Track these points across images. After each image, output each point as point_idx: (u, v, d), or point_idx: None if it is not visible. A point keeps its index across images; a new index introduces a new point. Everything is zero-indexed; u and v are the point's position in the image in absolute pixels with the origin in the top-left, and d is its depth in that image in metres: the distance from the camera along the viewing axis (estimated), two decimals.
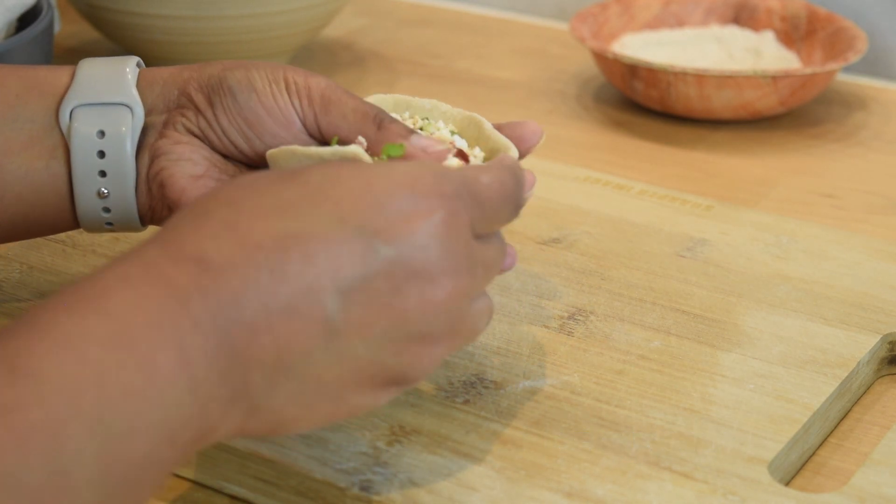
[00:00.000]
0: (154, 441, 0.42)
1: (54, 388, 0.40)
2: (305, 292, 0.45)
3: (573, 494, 0.52)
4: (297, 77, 0.58)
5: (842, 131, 0.93)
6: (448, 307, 0.48)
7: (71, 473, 0.39)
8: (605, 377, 0.59)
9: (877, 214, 0.81)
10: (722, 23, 1.01)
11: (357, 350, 0.46)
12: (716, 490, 0.52)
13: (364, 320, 0.46)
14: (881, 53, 1.04)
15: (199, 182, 0.58)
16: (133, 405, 0.41)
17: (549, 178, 0.78)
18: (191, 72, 0.59)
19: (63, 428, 0.39)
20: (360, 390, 0.47)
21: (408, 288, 0.47)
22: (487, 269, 0.50)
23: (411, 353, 0.48)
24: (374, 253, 0.46)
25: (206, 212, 0.47)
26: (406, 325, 0.47)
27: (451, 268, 0.48)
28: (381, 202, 0.47)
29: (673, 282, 0.67)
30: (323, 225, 0.46)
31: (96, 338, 0.41)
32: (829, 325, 0.63)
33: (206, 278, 0.44)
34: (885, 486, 0.53)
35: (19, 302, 0.65)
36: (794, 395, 0.58)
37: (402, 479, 0.52)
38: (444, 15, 1.17)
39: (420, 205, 0.47)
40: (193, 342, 0.43)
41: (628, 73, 0.91)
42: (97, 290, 0.43)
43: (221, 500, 0.55)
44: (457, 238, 0.48)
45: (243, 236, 0.45)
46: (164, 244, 0.45)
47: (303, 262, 0.45)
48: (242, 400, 0.45)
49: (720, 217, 0.74)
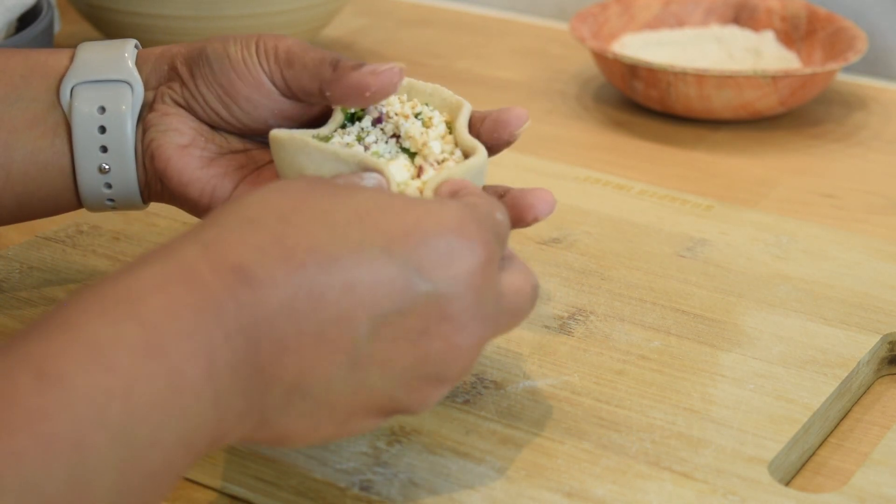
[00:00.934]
0: (172, 451, 0.42)
1: (81, 396, 0.40)
2: (339, 320, 0.45)
3: (573, 494, 0.52)
4: (267, 40, 0.59)
5: (842, 131, 0.93)
6: (469, 355, 0.48)
7: (91, 484, 0.39)
8: (605, 377, 0.59)
9: (877, 214, 0.81)
10: (722, 23, 1.01)
11: (374, 382, 0.47)
12: (716, 490, 0.52)
13: (388, 355, 0.46)
14: (881, 53, 1.04)
15: (185, 151, 0.59)
16: (158, 417, 0.41)
17: (549, 178, 0.78)
18: (179, 48, 0.60)
19: (87, 438, 0.39)
20: (366, 418, 0.48)
21: (437, 330, 0.47)
22: (513, 316, 0.50)
23: (423, 392, 0.48)
24: (414, 289, 0.46)
25: (252, 219, 0.46)
26: (426, 367, 0.47)
27: (481, 317, 0.48)
28: (428, 240, 0.47)
29: (673, 282, 0.67)
30: (369, 252, 0.46)
31: (128, 346, 0.41)
32: (829, 325, 0.63)
33: (246, 292, 0.44)
34: (885, 486, 0.53)
35: (19, 302, 0.65)
36: (794, 395, 0.58)
37: (402, 479, 0.52)
38: (444, 15, 1.17)
39: (465, 249, 0.47)
40: (223, 355, 0.43)
41: (628, 73, 0.91)
42: (131, 294, 0.43)
43: (221, 500, 0.55)
44: (490, 287, 0.48)
45: (289, 254, 0.45)
46: (206, 246, 0.45)
47: (342, 291, 0.45)
48: (256, 413, 0.45)
49: (720, 217, 0.74)
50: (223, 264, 0.44)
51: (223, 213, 0.47)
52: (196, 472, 0.56)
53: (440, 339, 0.47)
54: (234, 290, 0.44)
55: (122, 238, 0.71)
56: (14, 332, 0.63)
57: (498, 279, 0.49)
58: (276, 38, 0.59)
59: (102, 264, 0.69)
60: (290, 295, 0.44)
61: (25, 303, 0.65)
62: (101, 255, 0.70)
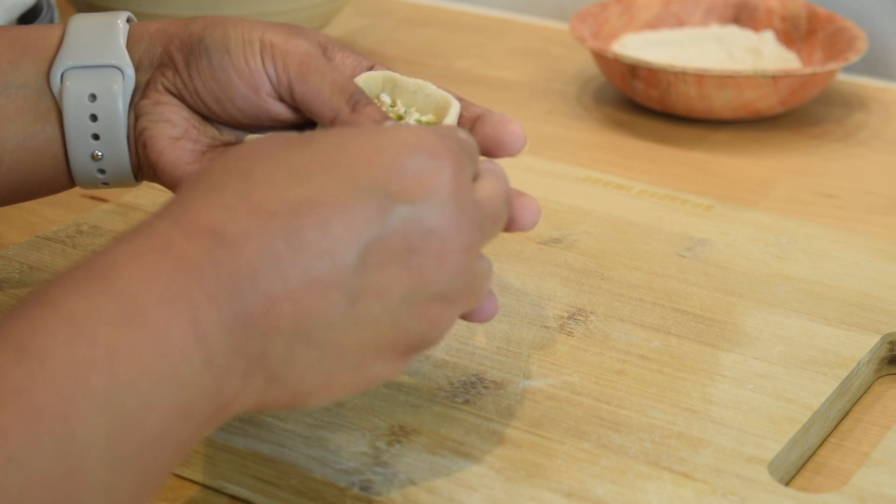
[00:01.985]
0: (168, 417, 0.41)
1: (62, 368, 0.39)
2: (323, 258, 0.45)
3: (573, 494, 0.52)
4: (275, 38, 0.57)
5: (842, 131, 0.93)
6: (462, 264, 0.48)
7: (82, 455, 0.39)
8: (605, 377, 0.59)
9: (877, 214, 0.81)
10: (722, 23, 1.01)
11: (377, 314, 0.46)
12: (716, 490, 0.52)
13: (383, 282, 0.46)
14: (881, 53, 1.04)
15: (178, 144, 0.59)
16: (146, 383, 0.41)
17: (549, 178, 0.78)
18: (176, 27, 0.59)
19: (72, 409, 0.39)
20: (381, 358, 0.47)
21: (423, 246, 0.47)
22: (494, 221, 0.50)
23: (430, 316, 0.48)
24: (389, 213, 0.46)
25: (216, 184, 0.46)
26: (424, 286, 0.47)
27: (463, 223, 0.48)
28: (391, 163, 0.47)
29: (673, 282, 0.67)
30: (336, 189, 0.46)
31: (106, 316, 0.41)
32: (829, 325, 0.63)
33: (220, 250, 0.44)
34: (885, 486, 0.53)
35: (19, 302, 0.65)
36: (794, 395, 0.58)
37: (402, 479, 0.52)
38: (444, 15, 1.17)
39: (430, 163, 0.47)
40: (208, 315, 0.43)
41: (628, 73, 0.91)
42: (106, 268, 0.42)
43: (221, 500, 0.55)
44: (465, 194, 0.48)
45: (257, 206, 0.45)
46: (176, 217, 0.45)
47: (319, 229, 0.45)
48: (261, 370, 0.44)
49: (720, 217, 0.74)
50: (193, 230, 0.44)
51: (188, 185, 0.47)
52: (196, 472, 0.56)
53: (429, 254, 0.47)
54: (208, 250, 0.44)
55: None
56: None
57: (473, 193, 0.49)
58: (287, 38, 0.57)
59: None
60: (267, 245, 0.44)
61: None
62: None
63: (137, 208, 0.74)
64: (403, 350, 0.48)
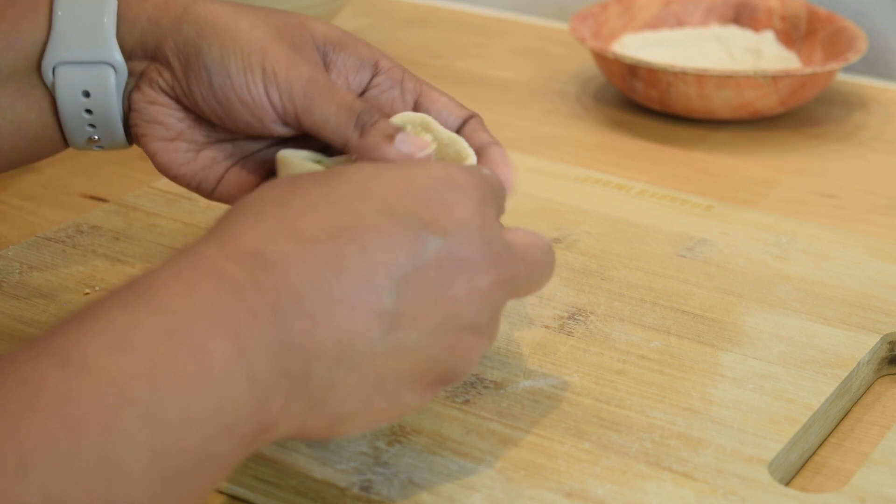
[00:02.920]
0: (210, 432, 0.42)
1: (104, 378, 0.40)
2: (363, 283, 0.46)
3: (573, 494, 0.52)
4: (277, 66, 0.56)
5: (842, 131, 0.93)
6: (492, 297, 0.49)
7: (123, 462, 0.39)
8: (605, 377, 0.59)
9: (877, 214, 0.81)
10: (722, 23, 1.01)
11: (413, 343, 0.47)
12: (716, 490, 0.52)
13: (419, 311, 0.47)
14: (881, 53, 1.04)
15: (172, 145, 0.59)
16: (186, 395, 0.41)
17: (549, 178, 0.78)
18: (169, 21, 0.58)
19: (114, 417, 0.39)
20: (413, 387, 0.48)
21: (457, 277, 0.48)
22: (531, 268, 0.51)
23: (461, 347, 0.48)
24: (424, 243, 0.47)
25: (257, 211, 0.47)
26: (458, 316, 0.48)
27: (493, 257, 0.49)
28: (424, 194, 0.48)
29: (673, 282, 0.67)
30: (374, 217, 0.47)
31: (147, 330, 0.41)
32: (829, 325, 0.63)
33: (263, 272, 0.44)
34: (885, 486, 0.53)
35: (19, 302, 0.65)
36: (794, 395, 0.58)
37: (402, 479, 0.52)
38: (444, 15, 1.17)
39: (460, 194, 0.49)
40: (251, 332, 0.43)
41: (628, 73, 0.91)
42: (148, 285, 0.43)
43: (221, 500, 0.55)
44: (491, 227, 0.49)
45: (298, 232, 0.46)
46: (218, 240, 0.45)
47: (359, 254, 0.46)
48: (304, 393, 0.45)
49: (720, 217, 0.74)
50: (236, 253, 0.45)
51: (229, 212, 0.47)
52: None
53: (462, 284, 0.48)
54: (252, 272, 0.44)
55: (122, 238, 0.71)
56: (14, 332, 0.63)
57: (501, 229, 0.50)
58: (288, 67, 0.56)
59: (102, 264, 0.69)
60: (310, 268, 0.45)
61: (25, 303, 0.65)
62: (101, 255, 0.70)
63: (137, 208, 0.74)
64: (434, 381, 0.49)
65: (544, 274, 0.52)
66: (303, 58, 0.57)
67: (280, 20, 0.58)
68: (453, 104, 0.60)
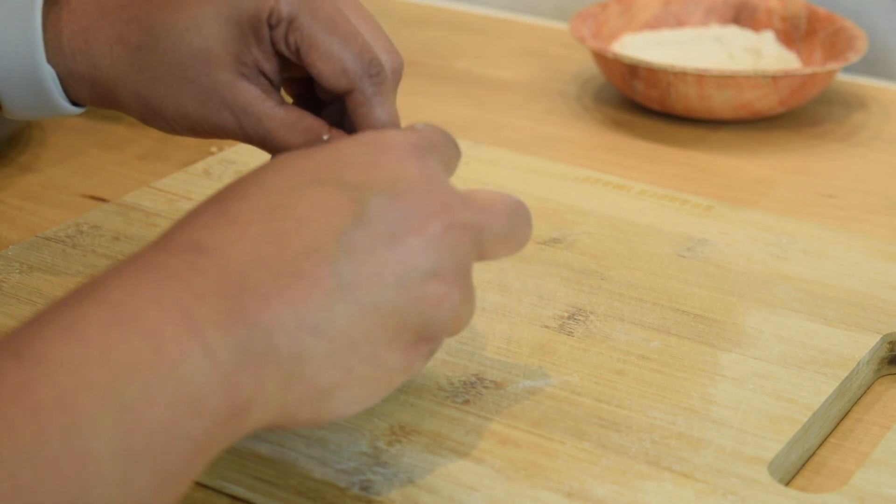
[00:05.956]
0: (175, 409, 0.42)
1: (60, 367, 0.40)
2: (308, 252, 0.46)
3: (573, 494, 0.52)
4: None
5: (842, 131, 0.93)
6: (449, 242, 0.48)
7: (88, 444, 0.39)
8: (605, 377, 0.59)
9: (877, 214, 0.81)
10: (722, 23, 1.01)
11: (376, 300, 0.47)
12: (716, 490, 0.52)
13: (374, 268, 0.47)
14: (881, 53, 1.04)
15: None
16: (144, 376, 0.41)
17: (549, 178, 0.78)
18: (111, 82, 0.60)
19: (74, 402, 0.40)
20: (392, 347, 0.47)
21: (404, 227, 0.47)
22: (492, 216, 0.51)
23: (428, 297, 0.48)
24: (362, 202, 0.47)
25: (194, 211, 0.48)
26: (416, 266, 0.47)
27: (440, 202, 0.49)
28: (350, 159, 0.49)
29: (673, 282, 0.67)
30: (304, 190, 0.47)
31: (96, 321, 0.42)
32: (829, 325, 0.63)
33: (202, 258, 0.45)
34: (885, 486, 0.53)
35: (19, 302, 0.65)
36: (794, 395, 0.58)
37: (402, 479, 0.52)
38: (444, 15, 1.17)
39: (388, 151, 0.49)
40: (199, 312, 0.43)
41: (628, 73, 0.91)
42: (93, 286, 0.44)
43: (221, 500, 0.55)
44: (434, 176, 0.49)
45: (233, 219, 0.46)
46: (157, 242, 0.46)
47: (297, 227, 0.46)
48: (274, 367, 0.45)
49: (720, 217, 0.74)
50: (175, 246, 0.45)
51: (173, 224, 0.49)
52: None
53: (412, 234, 0.47)
54: (191, 260, 0.45)
55: (122, 238, 0.71)
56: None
57: (447, 180, 0.50)
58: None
59: (102, 264, 0.69)
60: (250, 248, 0.45)
61: (25, 303, 0.65)
62: (101, 255, 0.70)
63: (137, 208, 0.74)
64: (412, 338, 0.48)
65: (517, 228, 0.52)
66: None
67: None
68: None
